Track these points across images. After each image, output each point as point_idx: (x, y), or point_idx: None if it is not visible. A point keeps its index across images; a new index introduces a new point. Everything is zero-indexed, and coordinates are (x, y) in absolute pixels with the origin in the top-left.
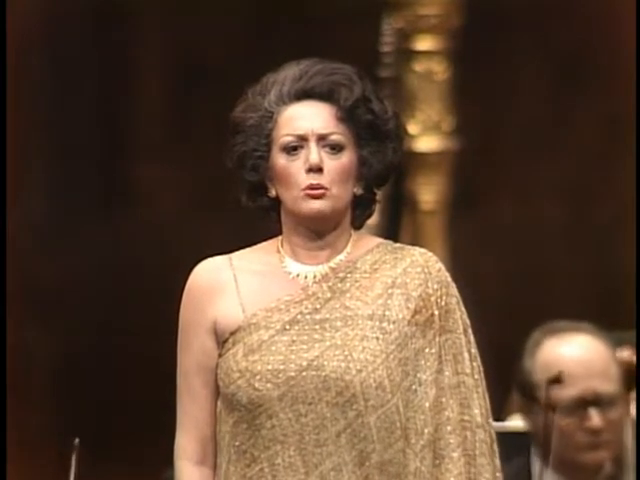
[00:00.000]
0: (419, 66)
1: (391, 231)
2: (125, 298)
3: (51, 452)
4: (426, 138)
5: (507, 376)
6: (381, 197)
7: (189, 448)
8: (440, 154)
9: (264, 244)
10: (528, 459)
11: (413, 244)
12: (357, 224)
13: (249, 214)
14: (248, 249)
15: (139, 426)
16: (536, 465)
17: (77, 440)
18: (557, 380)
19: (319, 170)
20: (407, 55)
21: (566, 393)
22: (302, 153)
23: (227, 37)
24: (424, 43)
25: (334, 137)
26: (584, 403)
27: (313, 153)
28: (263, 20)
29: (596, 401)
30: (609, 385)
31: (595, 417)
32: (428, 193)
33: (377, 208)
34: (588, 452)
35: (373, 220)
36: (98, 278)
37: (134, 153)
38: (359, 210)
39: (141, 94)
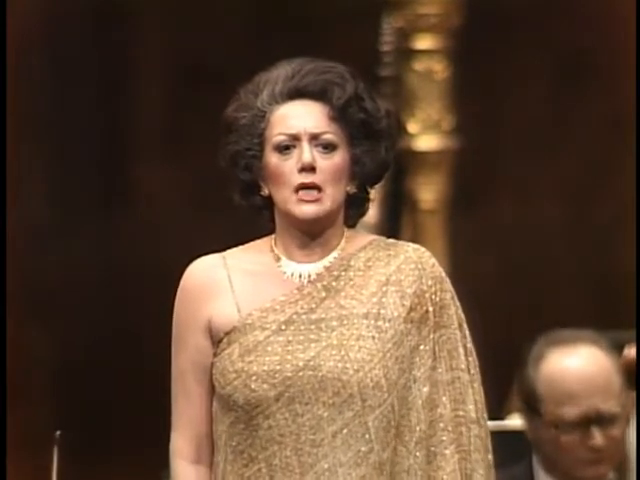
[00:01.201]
0: (419, 65)
1: (391, 230)
2: (125, 298)
3: (51, 452)
4: (426, 137)
5: (506, 375)
6: (375, 196)
7: (185, 447)
8: (440, 153)
9: (257, 242)
10: (530, 464)
11: (413, 243)
12: (350, 223)
13: (248, 214)
14: (241, 247)
15: (139, 426)
16: (538, 471)
17: (58, 433)
18: None
19: (312, 169)
20: (407, 54)
21: (569, 411)
22: (294, 152)
23: (227, 37)
24: (424, 42)
25: (326, 136)
26: (587, 421)
27: (306, 152)
28: (263, 20)
29: (598, 419)
30: (611, 402)
31: (597, 436)
32: (428, 192)
33: (377, 207)
34: (590, 467)
35: (373, 219)
36: (98, 278)
37: (134, 153)
38: (352, 209)
39: (141, 94)
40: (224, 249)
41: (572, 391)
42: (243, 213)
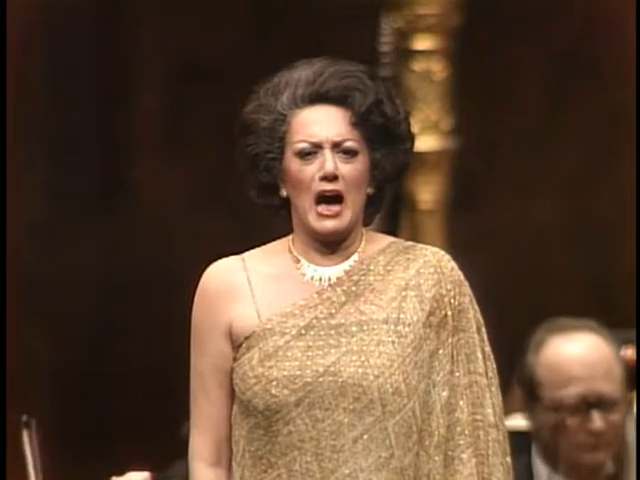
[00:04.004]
0: (418, 66)
1: (390, 230)
2: (125, 298)
3: (51, 453)
4: (425, 137)
5: (505, 375)
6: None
7: (204, 449)
8: (439, 153)
9: (275, 244)
10: (529, 458)
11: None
12: (367, 221)
13: (249, 214)
14: (259, 249)
15: (139, 426)
16: (538, 464)
17: (25, 417)
18: None
19: (334, 178)
20: (406, 54)
21: (568, 393)
22: (316, 159)
23: (227, 37)
24: (423, 42)
25: (348, 144)
26: (586, 404)
27: (328, 161)
28: (263, 20)
29: (598, 403)
30: (612, 386)
31: (597, 419)
32: (427, 192)
33: None
34: (588, 452)
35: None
36: (98, 278)
37: (134, 153)
38: (369, 208)
39: (141, 94)
40: (224, 248)
41: (572, 373)
42: (244, 213)
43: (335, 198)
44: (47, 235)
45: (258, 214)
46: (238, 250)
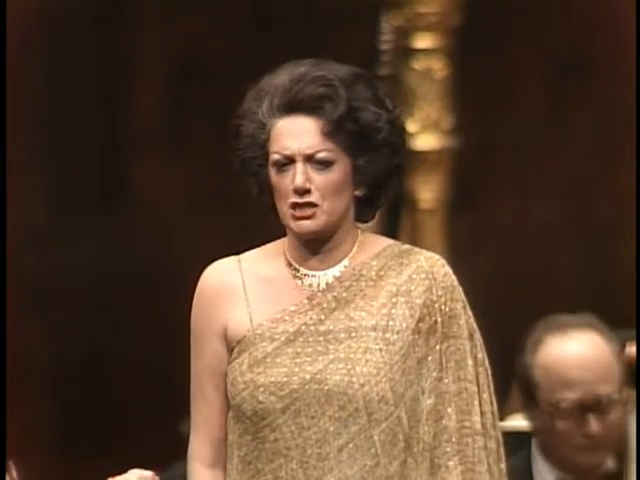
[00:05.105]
0: (418, 64)
1: (390, 230)
2: (125, 298)
3: (51, 453)
4: (425, 136)
5: (505, 376)
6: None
7: (202, 450)
8: (439, 152)
9: (271, 246)
10: (528, 454)
11: (412, 243)
12: (365, 219)
13: (249, 214)
14: (257, 250)
15: (139, 425)
16: (537, 460)
17: (10, 463)
18: None
19: (305, 191)
20: (406, 53)
21: (565, 397)
22: (289, 171)
23: (227, 37)
24: (423, 41)
25: (321, 155)
26: (583, 408)
27: (298, 175)
28: (263, 20)
29: (595, 406)
30: (610, 387)
31: (594, 423)
32: (427, 192)
33: None
34: (585, 454)
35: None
36: (98, 278)
37: (134, 153)
38: (366, 207)
39: (141, 94)
40: (224, 249)
41: (568, 377)
42: (244, 213)
43: (308, 204)
44: (47, 235)
45: (258, 214)
46: (238, 250)
